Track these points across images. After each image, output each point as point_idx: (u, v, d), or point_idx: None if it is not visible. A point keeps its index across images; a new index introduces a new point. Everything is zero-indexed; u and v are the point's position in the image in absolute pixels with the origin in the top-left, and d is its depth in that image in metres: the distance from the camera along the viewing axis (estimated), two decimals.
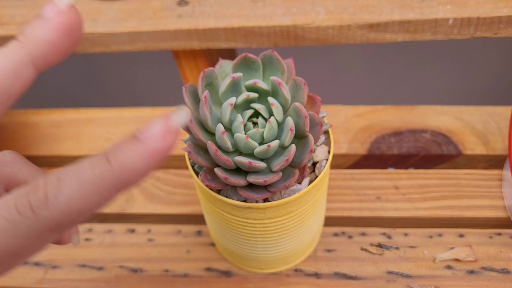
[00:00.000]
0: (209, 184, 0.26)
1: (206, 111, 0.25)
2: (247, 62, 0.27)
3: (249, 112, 0.26)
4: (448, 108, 0.43)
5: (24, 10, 0.40)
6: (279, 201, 0.27)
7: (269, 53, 0.27)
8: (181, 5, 0.39)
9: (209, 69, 0.27)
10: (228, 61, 0.28)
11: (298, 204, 0.28)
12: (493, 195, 0.37)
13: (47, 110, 0.47)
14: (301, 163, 0.26)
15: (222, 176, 0.25)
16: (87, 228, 0.39)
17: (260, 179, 0.25)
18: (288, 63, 0.28)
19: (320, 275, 0.34)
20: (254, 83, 0.26)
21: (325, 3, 0.37)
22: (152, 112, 0.46)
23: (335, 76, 0.76)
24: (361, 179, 0.39)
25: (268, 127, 0.25)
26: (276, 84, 0.25)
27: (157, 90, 0.80)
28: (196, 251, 0.37)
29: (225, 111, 0.25)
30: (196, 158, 0.25)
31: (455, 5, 0.35)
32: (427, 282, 0.33)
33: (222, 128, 0.25)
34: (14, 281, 0.36)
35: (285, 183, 0.25)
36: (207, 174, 0.26)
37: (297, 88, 0.27)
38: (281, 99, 0.26)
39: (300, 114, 0.25)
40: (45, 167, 0.44)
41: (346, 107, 0.44)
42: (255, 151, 0.25)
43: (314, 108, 0.27)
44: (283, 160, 0.25)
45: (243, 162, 0.25)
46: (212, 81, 0.27)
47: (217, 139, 0.25)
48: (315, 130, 0.26)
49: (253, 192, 0.26)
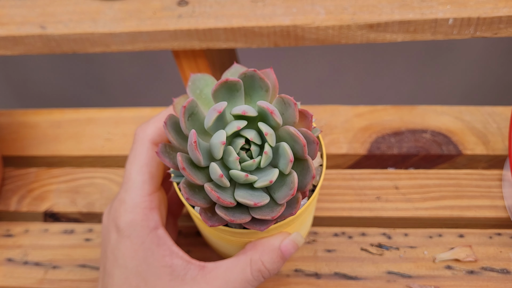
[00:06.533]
0: (213, 224, 0.25)
1: (199, 155, 0.23)
2: (228, 86, 0.25)
3: (240, 143, 0.25)
4: (448, 108, 0.43)
5: (24, 10, 0.41)
6: (283, 221, 0.26)
7: (250, 72, 0.25)
8: (181, 5, 0.39)
9: (189, 100, 0.25)
10: (200, 75, 0.27)
11: (300, 217, 0.28)
12: (493, 195, 0.37)
13: (47, 110, 0.47)
14: (304, 188, 0.25)
15: (227, 219, 0.24)
16: (87, 228, 0.39)
17: (267, 216, 0.24)
18: (270, 76, 0.26)
19: (320, 275, 0.34)
20: (243, 113, 0.24)
21: (325, 3, 0.37)
22: (152, 112, 0.46)
23: (335, 76, 0.76)
24: (361, 179, 0.39)
25: (264, 157, 0.24)
26: (266, 111, 0.24)
27: (157, 90, 0.80)
28: (196, 251, 0.37)
29: (218, 149, 0.24)
30: (195, 202, 0.24)
31: (455, 5, 0.35)
32: (427, 282, 0.33)
33: (219, 171, 0.23)
34: (14, 281, 0.36)
35: (291, 211, 0.25)
36: (207, 212, 0.25)
37: (285, 106, 0.25)
38: (272, 123, 0.24)
39: (296, 140, 0.24)
40: (45, 167, 0.44)
41: (346, 107, 0.44)
42: (256, 184, 0.24)
43: (305, 123, 0.25)
44: (289, 194, 0.24)
45: (248, 203, 0.24)
46: (193, 111, 0.25)
47: (216, 181, 0.24)
48: (312, 148, 0.24)
49: (258, 225, 0.25)
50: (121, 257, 0.28)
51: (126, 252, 0.27)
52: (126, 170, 0.29)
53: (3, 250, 0.38)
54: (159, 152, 0.25)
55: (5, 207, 0.41)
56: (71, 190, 0.41)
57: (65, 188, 0.42)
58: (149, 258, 0.27)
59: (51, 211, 0.40)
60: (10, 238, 0.39)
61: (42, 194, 0.41)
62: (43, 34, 0.39)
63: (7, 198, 0.41)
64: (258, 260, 0.27)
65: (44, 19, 0.40)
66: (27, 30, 0.39)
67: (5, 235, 0.39)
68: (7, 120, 0.47)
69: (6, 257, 0.38)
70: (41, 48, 0.40)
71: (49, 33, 0.39)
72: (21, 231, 0.40)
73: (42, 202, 0.41)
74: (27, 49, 0.40)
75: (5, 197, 0.42)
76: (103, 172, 0.42)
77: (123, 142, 0.44)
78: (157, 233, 0.28)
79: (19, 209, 0.41)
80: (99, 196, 0.41)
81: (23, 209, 0.41)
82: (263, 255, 0.27)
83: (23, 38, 0.39)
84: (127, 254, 0.27)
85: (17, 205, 0.41)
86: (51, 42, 0.39)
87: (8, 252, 0.38)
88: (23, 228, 0.40)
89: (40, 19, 0.40)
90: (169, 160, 0.25)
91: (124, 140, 0.44)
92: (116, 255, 0.28)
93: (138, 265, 0.27)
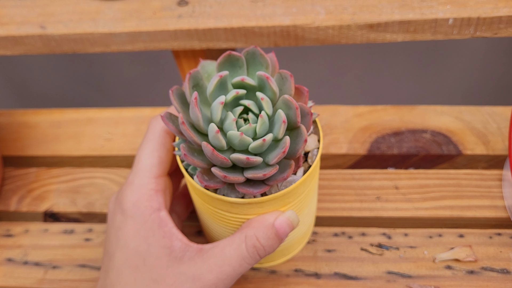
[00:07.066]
0: (207, 184, 0.26)
1: (198, 112, 0.25)
2: (231, 60, 0.27)
3: (239, 109, 0.26)
4: (448, 108, 0.43)
5: (24, 10, 0.41)
6: (277, 193, 0.27)
7: (252, 49, 0.27)
8: (181, 5, 0.39)
9: (194, 70, 0.27)
10: (209, 61, 0.29)
11: (295, 195, 0.28)
12: (493, 195, 0.37)
13: (47, 110, 0.47)
14: (296, 154, 0.26)
15: (221, 175, 0.25)
16: (87, 228, 0.39)
17: (259, 174, 0.25)
18: (271, 57, 0.28)
19: (320, 275, 0.34)
20: (242, 79, 0.26)
21: (325, 3, 0.37)
22: (152, 112, 0.46)
23: (335, 76, 0.76)
24: (361, 179, 0.39)
25: (260, 121, 0.25)
26: (264, 78, 0.26)
27: (157, 90, 0.80)
28: None
29: (216, 110, 0.25)
30: (192, 160, 0.25)
31: (455, 5, 0.35)
32: (427, 282, 0.33)
33: (215, 128, 0.25)
34: (14, 281, 0.36)
35: (283, 175, 0.26)
36: (203, 174, 0.26)
37: (283, 81, 0.27)
38: (270, 93, 0.26)
39: (290, 106, 0.26)
40: (45, 167, 0.44)
41: (346, 107, 0.44)
42: (250, 146, 0.26)
43: (302, 99, 0.27)
44: (280, 152, 0.25)
45: (240, 158, 0.25)
46: (198, 82, 0.27)
47: (211, 139, 0.25)
48: (306, 120, 0.26)
49: (251, 188, 0.26)
50: (123, 238, 0.28)
51: (129, 232, 0.28)
52: (137, 155, 0.31)
53: (3, 250, 0.38)
54: (163, 117, 0.27)
55: (5, 207, 0.41)
56: (71, 190, 0.41)
57: (65, 188, 0.42)
58: (149, 238, 0.28)
59: (51, 211, 0.40)
60: (10, 238, 0.39)
61: (42, 194, 0.41)
62: (43, 34, 0.39)
63: (7, 198, 0.41)
64: (252, 235, 0.27)
65: (44, 19, 0.40)
66: (27, 30, 0.39)
67: (5, 235, 0.39)
68: (7, 120, 0.47)
69: (6, 257, 0.38)
70: (41, 48, 0.40)
71: (49, 33, 0.39)
72: (21, 231, 0.40)
73: (42, 202, 0.41)
74: (27, 49, 0.40)
75: (5, 197, 0.42)
76: (103, 172, 0.42)
77: (123, 142, 0.44)
78: (159, 215, 0.29)
79: (19, 209, 0.41)
80: (99, 196, 0.41)
81: (23, 209, 0.41)
82: (258, 230, 0.28)
83: (23, 38, 0.39)
84: (129, 234, 0.28)
85: (17, 205, 0.41)
86: (51, 42, 0.39)
87: (8, 252, 0.38)
88: (23, 228, 0.40)
89: (40, 19, 0.40)
90: (172, 124, 0.27)
91: (124, 140, 0.44)
92: (119, 236, 0.29)
93: (138, 245, 0.28)
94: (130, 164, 0.43)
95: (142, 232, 0.28)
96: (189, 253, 0.28)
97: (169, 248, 0.28)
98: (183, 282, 0.27)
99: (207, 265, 0.27)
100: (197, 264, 0.27)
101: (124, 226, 0.29)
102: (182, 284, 0.27)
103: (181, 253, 0.28)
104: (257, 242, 0.27)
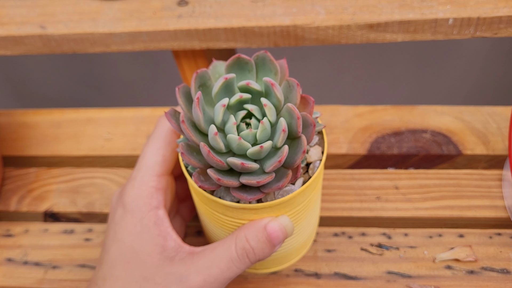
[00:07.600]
0: (202, 185, 0.26)
1: (199, 112, 0.25)
2: (240, 63, 0.27)
3: (242, 113, 0.26)
4: (448, 108, 0.43)
5: (24, 10, 0.41)
6: (273, 202, 0.26)
7: (262, 53, 0.27)
8: (181, 5, 0.39)
9: (202, 70, 0.27)
10: (221, 62, 0.28)
11: (292, 205, 0.28)
12: (493, 195, 0.37)
13: (47, 110, 0.47)
14: (294, 164, 0.26)
15: (215, 177, 0.25)
16: (87, 228, 0.39)
17: (253, 180, 0.25)
18: (282, 63, 0.28)
19: (320, 275, 0.34)
20: (247, 84, 0.26)
21: (325, 3, 0.37)
22: (152, 112, 0.46)
23: (335, 76, 0.76)
24: (361, 179, 0.39)
25: (261, 128, 0.25)
26: (269, 85, 0.25)
27: (157, 90, 0.80)
28: None
29: (218, 112, 0.25)
30: (189, 159, 0.25)
31: (455, 5, 0.35)
32: (427, 282, 0.33)
33: (215, 129, 0.25)
34: (14, 281, 0.36)
35: (278, 184, 0.25)
36: (200, 175, 0.26)
37: (290, 89, 0.27)
38: (274, 99, 0.26)
39: (292, 115, 0.25)
40: (45, 167, 0.44)
41: (346, 107, 0.44)
42: (248, 152, 0.25)
43: (307, 108, 0.27)
44: (276, 161, 0.25)
45: (235, 163, 0.25)
46: (205, 82, 0.27)
47: (210, 140, 0.25)
48: (308, 130, 0.26)
49: (246, 193, 0.26)
50: (120, 232, 0.29)
51: (126, 226, 0.29)
52: (142, 151, 0.31)
53: (3, 250, 0.38)
54: (167, 114, 0.27)
55: (5, 207, 0.41)
56: (71, 190, 0.41)
57: (65, 188, 0.42)
58: (144, 234, 0.28)
59: (51, 211, 0.40)
60: (10, 238, 0.39)
61: (42, 194, 0.41)
62: (43, 34, 0.39)
63: (7, 198, 0.41)
64: (243, 237, 0.27)
65: (44, 19, 0.40)
66: (27, 30, 0.39)
67: (5, 235, 0.39)
68: (7, 120, 0.47)
69: (6, 257, 0.38)
70: (41, 48, 0.40)
71: (49, 33, 0.39)
72: (21, 231, 0.40)
73: (42, 202, 0.41)
74: (27, 49, 0.40)
75: (5, 197, 0.42)
76: (103, 172, 0.42)
77: (123, 142, 0.44)
78: (157, 212, 0.29)
79: (19, 209, 0.41)
80: (99, 196, 0.41)
81: (23, 209, 0.41)
82: (248, 232, 0.27)
83: (23, 38, 0.39)
84: (125, 228, 0.29)
85: (17, 205, 0.41)
86: (51, 42, 0.39)
87: (8, 252, 0.38)
88: (23, 228, 0.40)
89: (40, 19, 0.40)
90: (175, 122, 0.27)
91: (124, 140, 0.44)
92: (116, 230, 0.29)
93: (133, 240, 0.28)
94: (130, 164, 0.43)
95: (138, 228, 0.28)
96: (181, 254, 0.28)
97: (162, 246, 0.28)
98: (170, 282, 0.27)
99: (196, 267, 0.27)
100: (186, 265, 0.27)
101: (122, 220, 0.29)
102: (169, 284, 0.27)
103: (173, 253, 0.28)
104: (246, 244, 0.27)
